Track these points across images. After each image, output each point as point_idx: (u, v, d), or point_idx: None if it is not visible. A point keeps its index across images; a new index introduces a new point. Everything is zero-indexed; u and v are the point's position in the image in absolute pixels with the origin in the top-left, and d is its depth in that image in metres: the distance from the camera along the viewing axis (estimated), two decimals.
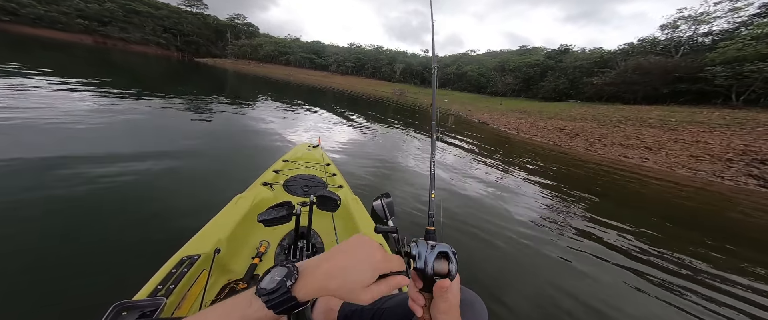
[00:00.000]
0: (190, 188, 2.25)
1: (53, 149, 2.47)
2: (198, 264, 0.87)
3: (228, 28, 73.00)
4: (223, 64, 49.43)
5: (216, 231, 1.06)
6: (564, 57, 44.65)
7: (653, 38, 28.86)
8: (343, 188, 1.76)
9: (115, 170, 2.27)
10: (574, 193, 4.08)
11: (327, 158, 2.39)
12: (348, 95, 22.33)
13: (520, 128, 12.64)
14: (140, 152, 2.72)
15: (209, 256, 0.93)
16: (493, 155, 6.44)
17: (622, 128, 11.20)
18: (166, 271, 0.81)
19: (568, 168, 6.14)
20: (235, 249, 1.10)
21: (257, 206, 1.34)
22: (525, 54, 52.40)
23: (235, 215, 1.20)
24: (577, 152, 8.46)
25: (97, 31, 54.11)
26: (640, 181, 5.56)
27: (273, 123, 5.65)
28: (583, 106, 21.46)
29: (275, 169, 1.89)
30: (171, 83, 10.77)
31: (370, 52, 66.45)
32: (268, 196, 1.48)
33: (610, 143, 9.20)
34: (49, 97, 4.31)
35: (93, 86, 6.01)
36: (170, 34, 63.31)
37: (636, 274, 2.00)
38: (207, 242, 0.98)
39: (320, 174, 1.93)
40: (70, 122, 3.27)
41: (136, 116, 4.20)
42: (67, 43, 28.01)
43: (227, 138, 4.02)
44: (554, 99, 35.75)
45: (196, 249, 0.94)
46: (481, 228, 2.36)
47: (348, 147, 4.70)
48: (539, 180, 4.62)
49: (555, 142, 9.88)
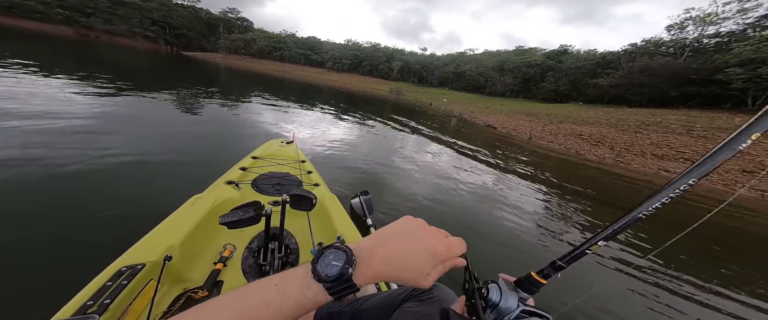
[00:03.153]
0: (136, 189, 1.99)
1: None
2: (142, 275, 0.78)
3: (221, 23, 70.48)
4: (214, 58, 47.55)
5: (166, 237, 0.94)
6: (564, 57, 44.30)
7: (658, 39, 28.16)
8: (320, 186, 1.64)
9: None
10: (648, 230, 2.89)
11: (302, 154, 2.22)
12: (344, 92, 21.10)
13: (533, 132, 11.48)
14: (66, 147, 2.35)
15: (157, 265, 0.83)
16: (511, 164, 5.29)
17: (645, 134, 10.16)
18: (100, 284, 0.71)
19: (606, 186, 5.00)
20: (191, 254, 0.98)
21: (220, 208, 1.21)
22: (523, 54, 51.85)
23: (192, 217, 1.07)
24: (606, 163, 7.34)
25: (79, 22, 51.15)
26: (708, 208, 4.41)
27: (250, 118, 5.13)
28: (589, 108, 20.58)
29: (242, 166, 1.73)
30: (155, 76, 9.69)
31: (367, 50, 65.32)
32: (233, 196, 1.35)
33: (640, 153, 8.09)
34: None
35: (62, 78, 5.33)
36: (159, 27, 60.60)
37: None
38: (154, 249, 0.87)
39: (294, 172, 1.80)
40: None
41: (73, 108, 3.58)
42: (45, 35, 26.16)
43: (189, 134, 3.56)
44: (554, 100, 35.20)
45: (139, 257, 0.83)
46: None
47: (336, 147, 4.31)
48: (580, 203, 3.51)
49: (577, 151, 8.73)
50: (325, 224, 1.29)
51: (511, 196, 3.52)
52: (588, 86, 30.16)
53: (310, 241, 1.13)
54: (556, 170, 5.64)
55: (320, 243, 1.17)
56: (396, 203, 2.65)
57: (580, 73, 34.68)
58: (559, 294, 1.52)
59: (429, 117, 13.18)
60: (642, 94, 22.25)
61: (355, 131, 6.09)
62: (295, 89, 16.03)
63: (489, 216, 2.83)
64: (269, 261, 0.98)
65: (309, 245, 1.14)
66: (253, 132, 4.33)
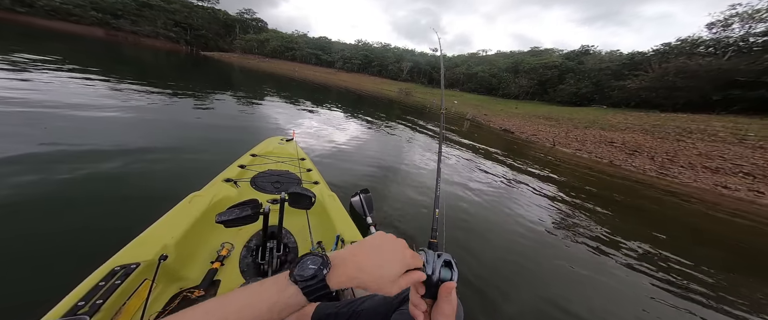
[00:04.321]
0: (132, 188, 1.90)
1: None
2: (137, 274, 0.76)
3: (237, 23, 72.79)
4: (230, 58, 48.96)
5: (162, 235, 0.91)
6: (585, 58, 41.96)
7: (696, 38, 25.71)
8: (320, 184, 1.63)
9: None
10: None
11: (302, 152, 2.19)
12: (353, 92, 20.76)
13: (557, 139, 10.48)
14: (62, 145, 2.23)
15: (152, 264, 0.81)
16: (538, 175, 4.51)
17: (690, 142, 8.95)
18: (92, 284, 0.70)
19: (665, 213, 4.10)
20: (188, 253, 0.96)
21: (218, 205, 1.19)
22: (539, 55, 49.66)
23: (188, 216, 1.04)
24: (648, 177, 6.35)
25: (110, 24, 54.37)
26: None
27: (254, 118, 5.06)
28: (616, 112, 18.96)
29: (241, 164, 1.71)
30: (173, 76, 9.62)
31: (377, 50, 65.51)
32: (231, 194, 1.33)
33: (688, 165, 7.01)
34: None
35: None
36: (180, 28, 63.39)
37: None
38: (149, 248, 0.85)
39: (294, 170, 1.79)
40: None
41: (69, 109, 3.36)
42: (79, 35, 27.87)
43: (190, 133, 3.45)
44: (574, 104, 33.35)
45: (133, 256, 0.81)
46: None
47: (340, 146, 4.17)
48: (633, 242, 2.69)
49: (611, 160, 7.74)
50: (325, 223, 1.26)
51: (537, 215, 2.86)
52: (613, 89, 28.15)
53: (309, 239, 1.10)
54: (584, 185, 4.82)
55: (319, 241, 1.12)
56: (402, 207, 2.44)
57: (604, 74, 32.53)
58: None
59: (439, 120, 12.42)
60: (676, 97, 20.27)
61: (361, 132, 5.83)
62: (306, 89, 15.88)
63: (519, 245, 2.20)
64: (268, 259, 0.94)
65: (308, 243, 1.10)
66: (256, 129, 4.22)
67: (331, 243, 1.09)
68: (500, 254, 2.07)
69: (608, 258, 2.31)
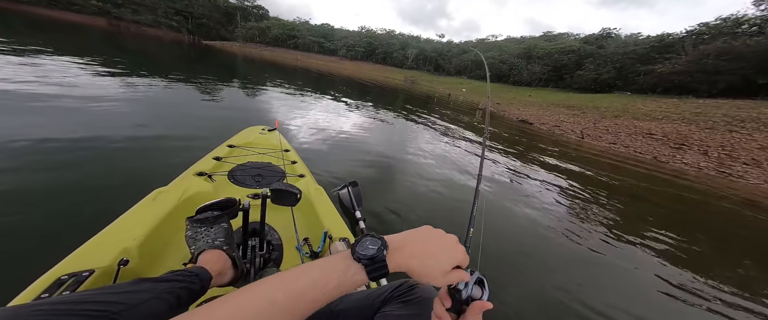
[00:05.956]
0: (81, 183, 1.64)
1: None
2: (90, 283, 0.67)
3: (238, 11, 70.78)
4: (231, 47, 47.85)
5: (121, 237, 0.82)
6: (606, 42, 38.88)
7: (741, 16, 22.87)
8: (306, 177, 1.52)
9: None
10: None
11: (286, 143, 2.02)
12: (356, 82, 19.63)
13: (585, 131, 9.30)
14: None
15: (110, 270, 0.72)
16: (578, 181, 3.59)
17: (746, 133, 7.68)
18: (31, 297, 0.60)
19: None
20: (155, 256, 0.87)
21: (190, 202, 1.07)
22: (553, 40, 46.47)
23: (154, 214, 0.94)
24: (709, 179, 5.26)
25: (111, 13, 53.55)
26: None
27: (240, 104, 4.64)
28: (644, 99, 17.26)
29: (217, 156, 1.54)
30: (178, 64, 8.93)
31: (381, 37, 63.22)
32: (205, 189, 1.20)
33: (752, 161, 5.89)
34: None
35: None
36: (182, 17, 62.19)
37: None
38: (106, 252, 0.76)
39: (277, 162, 1.65)
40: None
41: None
42: (82, 26, 27.35)
43: (161, 120, 3.05)
44: (593, 90, 31.28)
45: (86, 262, 0.71)
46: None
47: (341, 138, 3.85)
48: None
49: (654, 156, 6.64)
50: (311, 218, 1.18)
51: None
52: (638, 74, 25.87)
53: (294, 236, 1.04)
54: (646, 192, 3.87)
55: (306, 238, 1.05)
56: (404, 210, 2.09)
57: (628, 59, 29.90)
58: None
59: (449, 109, 11.39)
60: (714, 82, 18.21)
61: (362, 123, 5.10)
62: (309, 79, 15.13)
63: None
64: (250, 258, 0.85)
65: (294, 240, 1.03)
66: (237, 118, 3.75)
67: (318, 240, 1.02)
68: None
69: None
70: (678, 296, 1.65)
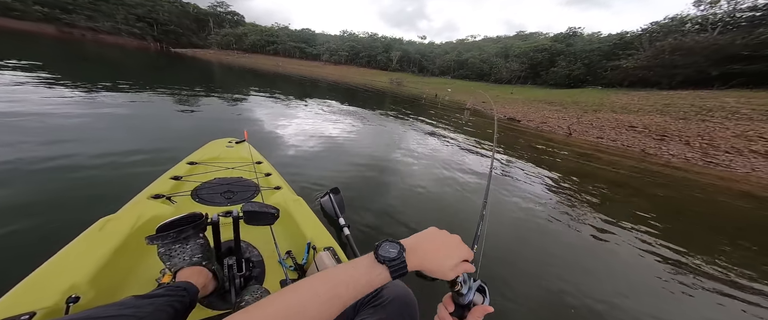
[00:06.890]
0: (10, 210, 1.43)
1: None
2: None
3: (210, 17, 67.23)
4: (205, 55, 45.17)
5: (65, 273, 0.73)
6: (573, 40, 41.58)
7: (684, 15, 25.45)
8: (282, 189, 1.42)
9: None
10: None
11: (258, 154, 1.89)
12: (342, 86, 19.16)
13: (571, 127, 9.49)
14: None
15: (56, 310, 0.64)
16: (574, 180, 3.39)
17: (717, 121, 8.20)
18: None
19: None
20: (111, 289, 0.78)
21: (145, 228, 0.96)
22: (527, 39, 49.04)
23: (103, 245, 0.85)
24: (701, 170, 5.38)
25: (60, 19, 48.30)
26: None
27: (209, 114, 4.14)
28: (616, 93, 18.35)
29: (175, 175, 1.37)
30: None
31: (364, 40, 62.80)
32: (163, 212, 1.06)
33: (733, 149, 6.17)
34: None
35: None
36: (145, 24, 57.59)
37: None
38: (49, 290, 0.67)
39: (249, 175, 1.51)
40: None
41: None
42: (28, 34, 24.20)
43: (108, 134, 2.66)
44: (568, 86, 33.08)
45: (23, 305, 0.61)
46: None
47: (327, 146, 3.56)
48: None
49: (642, 149, 6.81)
50: (292, 230, 1.11)
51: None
52: (605, 69, 27.78)
53: (275, 251, 0.95)
54: (648, 188, 3.77)
55: (288, 251, 0.98)
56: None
57: (595, 55, 32.10)
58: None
59: (437, 110, 11.26)
60: (673, 75, 19.91)
61: (349, 130, 4.68)
62: (291, 83, 14.44)
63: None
64: (229, 276, 0.79)
65: (274, 255, 0.95)
66: (202, 131, 3.20)
67: (301, 252, 0.97)
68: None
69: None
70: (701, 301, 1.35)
